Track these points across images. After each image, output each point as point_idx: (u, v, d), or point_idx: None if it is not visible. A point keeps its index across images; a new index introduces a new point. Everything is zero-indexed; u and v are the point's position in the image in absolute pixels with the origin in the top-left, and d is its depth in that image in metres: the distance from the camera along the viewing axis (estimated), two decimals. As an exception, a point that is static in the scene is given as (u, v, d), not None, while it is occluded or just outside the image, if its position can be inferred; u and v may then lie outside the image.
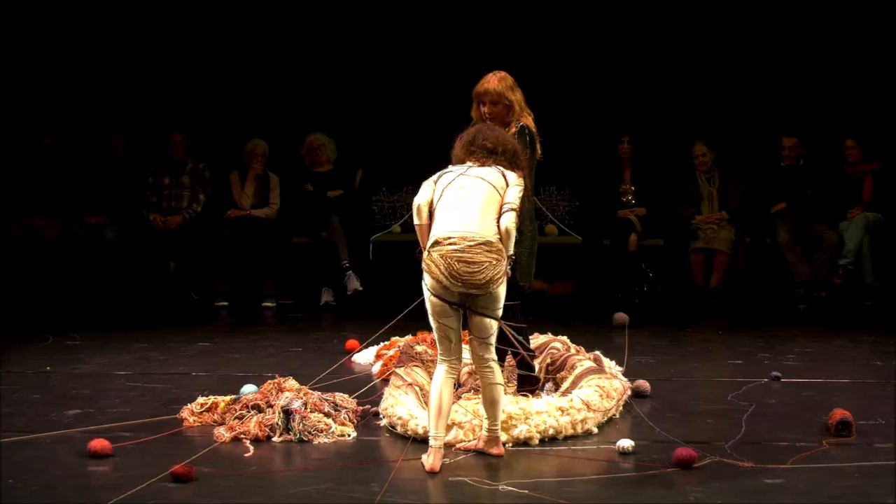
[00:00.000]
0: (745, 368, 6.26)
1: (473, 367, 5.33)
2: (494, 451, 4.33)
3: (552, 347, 5.75)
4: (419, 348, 5.82)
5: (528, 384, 5.14)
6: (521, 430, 4.53)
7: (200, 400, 5.01)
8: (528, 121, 5.14)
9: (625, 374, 5.60)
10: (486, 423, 4.35)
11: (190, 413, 4.94)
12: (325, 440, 4.59)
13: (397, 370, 5.24)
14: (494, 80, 5.13)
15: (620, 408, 5.09)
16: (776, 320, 8.37)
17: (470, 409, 4.59)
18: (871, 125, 9.38)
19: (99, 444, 4.35)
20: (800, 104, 9.64)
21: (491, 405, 4.33)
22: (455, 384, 5.28)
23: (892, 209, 9.12)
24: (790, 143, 9.30)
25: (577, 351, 5.78)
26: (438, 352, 4.34)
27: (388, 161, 9.97)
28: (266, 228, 9.25)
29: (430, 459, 4.18)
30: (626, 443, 4.38)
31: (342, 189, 9.43)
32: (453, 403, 4.77)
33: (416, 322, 6.94)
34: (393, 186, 10.07)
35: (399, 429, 4.65)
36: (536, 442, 4.54)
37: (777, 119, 9.55)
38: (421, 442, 4.46)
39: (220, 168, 9.60)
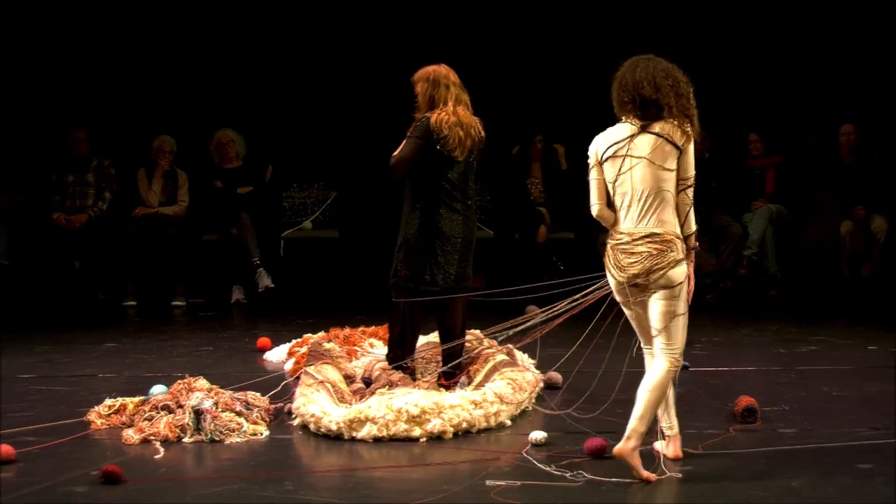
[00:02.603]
0: (655, 358, 6.33)
1: (386, 363, 5.34)
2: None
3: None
4: (328, 345, 5.77)
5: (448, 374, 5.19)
6: (434, 425, 4.54)
7: (108, 402, 4.92)
8: (434, 115, 5.18)
9: (537, 367, 5.64)
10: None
11: (97, 415, 4.84)
12: (238, 440, 4.53)
13: (307, 369, 5.20)
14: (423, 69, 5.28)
15: (533, 400, 5.13)
16: (684, 310, 8.49)
17: (384, 405, 4.57)
18: (774, 120, 9.61)
19: (3, 449, 4.24)
20: (705, 99, 9.78)
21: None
22: (366, 380, 5.27)
23: (793, 201, 9.36)
24: (696, 137, 9.46)
25: (490, 344, 5.80)
26: None
27: (299, 157, 9.88)
28: (175, 226, 9.10)
29: (670, 448, 4.17)
30: (538, 434, 4.42)
31: (252, 185, 9.32)
32: (368, 397, 4.76)
33: (332, 318, 6.95)
34: (303, 182, 9.99)
35: (312, 427, 4.62)
36: (450, 436, 4.55)
37: (683, 113, 9.70)
38: (333, 439, 4.45)
39: (127, 165, 9.41)
